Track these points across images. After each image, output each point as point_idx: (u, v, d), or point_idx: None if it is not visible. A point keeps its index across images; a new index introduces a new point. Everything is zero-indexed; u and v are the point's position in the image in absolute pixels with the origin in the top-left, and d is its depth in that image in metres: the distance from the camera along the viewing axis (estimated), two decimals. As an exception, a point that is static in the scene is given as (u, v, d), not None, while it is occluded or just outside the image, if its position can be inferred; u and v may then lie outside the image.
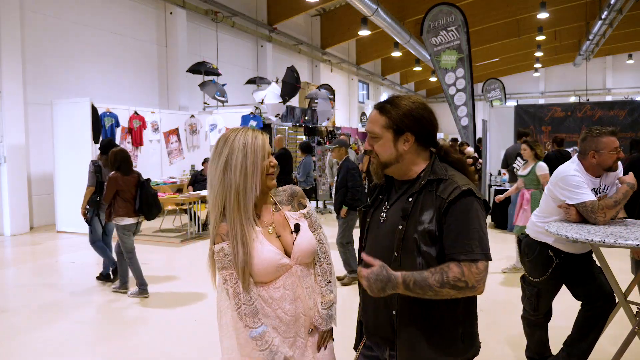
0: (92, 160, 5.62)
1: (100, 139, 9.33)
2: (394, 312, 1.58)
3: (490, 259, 1.49)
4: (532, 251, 3.01)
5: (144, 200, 5.06)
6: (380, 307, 1.63)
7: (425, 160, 1.62)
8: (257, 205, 1.72)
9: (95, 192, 5.43)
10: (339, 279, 5.43)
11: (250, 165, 1.63)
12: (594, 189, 2.89)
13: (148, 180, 5.24)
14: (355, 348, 1.83)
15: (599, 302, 2.89)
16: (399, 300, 1.56)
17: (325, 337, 1.78)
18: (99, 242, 5.61)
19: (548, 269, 2.92)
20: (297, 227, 1.73)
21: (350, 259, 5.47)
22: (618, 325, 3.40)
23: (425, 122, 1.59)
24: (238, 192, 1.63)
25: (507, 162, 8.10)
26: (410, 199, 1.57)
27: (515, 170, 7.89)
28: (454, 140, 11.75)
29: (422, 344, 1.54)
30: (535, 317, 3.12)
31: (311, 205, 1.86)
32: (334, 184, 7.55)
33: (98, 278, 5.75)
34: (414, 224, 1.53)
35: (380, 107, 1.63)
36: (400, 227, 1.56)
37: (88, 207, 5.49)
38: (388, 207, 1.66)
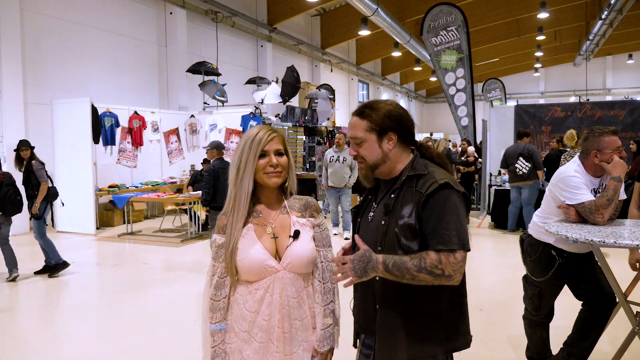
0: (37, 160, 5.95)
1: (100, 139, 9.36)
2: (377, 306, 1.64)
3: (469, 249, 1.53)
4: (534, 251, 3.01)
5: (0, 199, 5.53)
6: (368, 300, 1.68)
7: (409, 157, 1.70)
8: (262, 203, 1.75)
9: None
10: None
11: (244, 162, 1.67)
12: (594, 189, 2.89)
13: (11, 181, 5.73)
14: (355, 345, 1.84)
15: (600, 302, 2.89)
16: (381, 291, 1.62)
17: (325, 359, 1.75)
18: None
19: (551, 269, 2.92)
20: (297, 234, 1.69)
21: None
22: (618, 325, 3.40)
23: (405, 120, 1.68)
24: (235, 187, 1.69)
25: (507, 162, 8.10)
26: (392, 195, 1.65)
27: (518, 171, 7.88)
28: (466, 140, 11.74)
29: (401, 333, 1.60)
30: (537, 317, 3.12)
31: (324, 221, 1.82)
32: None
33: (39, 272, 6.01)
34: (395, 219, 1.61)
35: (360, 112, 1.69)
36: (383, 222, 1.64)
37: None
38: (376, 206, 1.74)
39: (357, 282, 1.56)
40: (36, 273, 6.01)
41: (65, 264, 6.01)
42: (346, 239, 7.60)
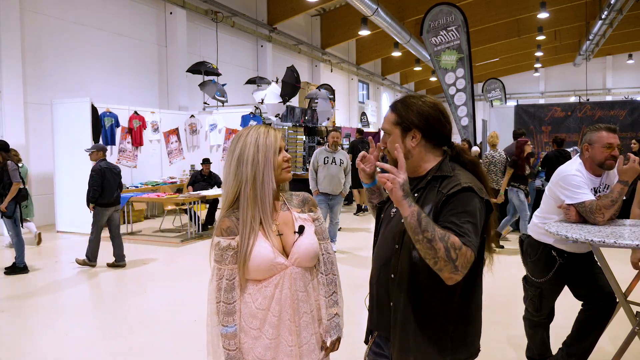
0: (10, 161, 6.03)
1: (100, 139, 9.36)
2: (391, 304, 1.64)
3: (475, 253, 1.49)
4: (534, 252, 3.01)
5: None
6: (382, 297, 1.68)
7: (437, 158, 1.67)
8: None
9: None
10: (77, 262, 6.34)
11: (262, 159, 1.66)
12: (595, 188, 2.89)
13: None
14: (366, 342, 1.84)
15: (600, 302, 2.88)
16: (395, 290, 1.62)
17: (332, 349, 1.79)
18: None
19: (551, 269, 2.92)
20: (301, 229, 1.71)
21: (93, 249, 6.33)
22: (618, 325, 3.40)
23: (433, 120, 1.64)
24: (254, 185, 1.66)
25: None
26: (415, 194, 1.62)
27: None
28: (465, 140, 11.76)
29: (411, 336, 1.60)
30: (538, 318, 3.11)
31: (320, 214, 1.86)
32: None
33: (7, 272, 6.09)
34: None
35: (393, 106, 1.71)
36: (402, 220, 1.59)
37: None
38: None
39: (395, 195, 1.45)
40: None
41: (25, 269, 6.11)
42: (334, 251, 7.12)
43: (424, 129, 1.63)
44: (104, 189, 6.22)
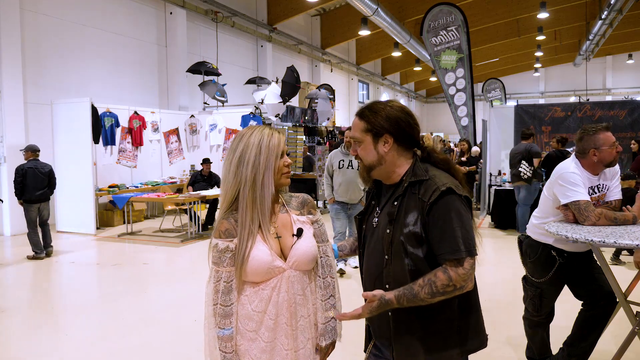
0: None
1: (100, 139, 9.36)
2: (389, 313, 1.63)
3: (476, 254, 1.54)
4: (534, 252, 3.00)
5: None
6: None
7: (409, 161, 1.67)
8: None
9: None
10: (28, 258, 6.81)
11: (264, 162, 1.63)
12: (592, 186, 2.89)
13: None
14: (365, 351, 1.84)
15: (601, 302, 2.88)
16: None
17: (326, 353, 1.76)
18: None
19: (551, 269, 2.92)
20: (300, 232, 1.69)
21: (34, 241, 6.81)
22: (618, 325, 3.40)
23: (403, 123, 1.65)
24: (254, 188, 1.64)
25: (510, 163, 8.08)
26: (395, 203, 1.63)
27: (522, 175, 7.80)
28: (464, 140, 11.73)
29: (417, 339, 1.60)
30: (538, 318, 3.11)
31: (321, 216, 1.83)
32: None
33: None
34: (400, 227, 1.60)
35: (360, 113, 1.70)
36: (388, 231, 1.62)
37: None
38: (379, 212, 1.72)
39: (372, 312, 1.58)
40: None
41: None
42: (355, 267, 6.13)
43: (395, 133, 1.64)
44: (26, 186, 6.74)
